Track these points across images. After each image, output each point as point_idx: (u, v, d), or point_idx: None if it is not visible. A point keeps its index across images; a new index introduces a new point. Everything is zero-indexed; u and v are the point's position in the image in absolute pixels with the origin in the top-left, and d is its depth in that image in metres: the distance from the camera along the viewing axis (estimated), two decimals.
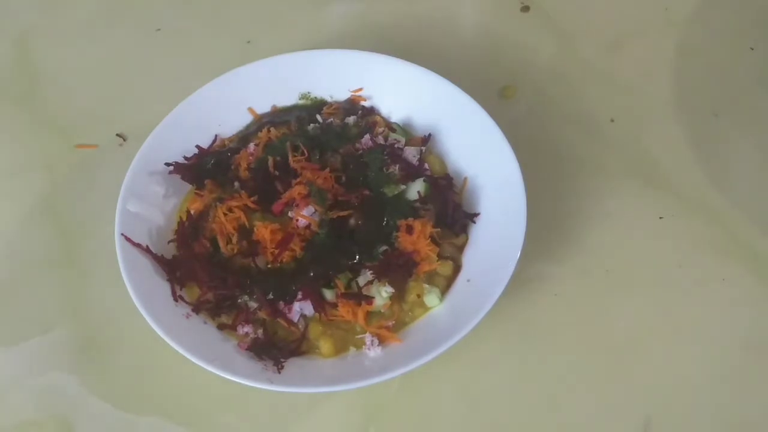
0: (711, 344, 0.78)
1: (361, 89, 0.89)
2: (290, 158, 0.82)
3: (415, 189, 0.81)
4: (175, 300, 0.76)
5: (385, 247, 0.78)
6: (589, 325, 0.80)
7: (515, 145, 0.80)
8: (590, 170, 0.89)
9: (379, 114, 0.89)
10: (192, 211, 0.82)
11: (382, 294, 0.75)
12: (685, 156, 0.90)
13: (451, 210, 0.81)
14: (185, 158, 0.85)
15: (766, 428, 0.74)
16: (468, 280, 0.77)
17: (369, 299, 0.75)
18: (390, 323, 0.75)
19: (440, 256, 0.78)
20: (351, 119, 0.87)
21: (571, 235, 0.85)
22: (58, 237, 0.88)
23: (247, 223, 0.79)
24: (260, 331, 0.75)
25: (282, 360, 0.73)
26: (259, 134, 0.85)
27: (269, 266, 0.77)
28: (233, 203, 0.79)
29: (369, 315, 0.75)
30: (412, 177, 0.82)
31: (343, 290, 0.75)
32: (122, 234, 0.77)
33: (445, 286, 0.78)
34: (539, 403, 0.76)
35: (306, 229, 0.78)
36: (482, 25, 1.04)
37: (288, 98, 0.90)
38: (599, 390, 0.76)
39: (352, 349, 0.75)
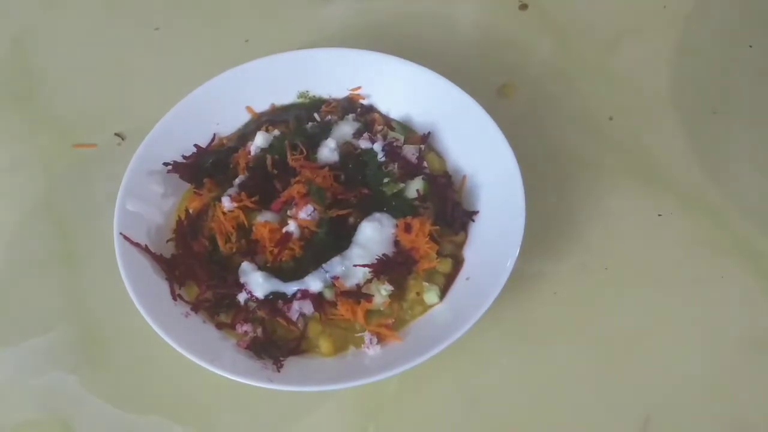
0: (710, 342, 0.78)
1: (359, 88, 0.89)
2: (289, 157, 0.81)
3: (414, 187, 0.81)
4: (174, 299, 0.76)
5: None
6: (588, 323, 0.80)
7: (514, 143, 0.80)
8: (589, 168, 0.89)
9: (378, 112, 0.89)
10: (191, 210, 0.82)
11: (381, 292, 0.75)
12: (683, 153, 0.90)
13: (450, 208, 0.81)
14: (184, 157, 0.85)
15: (766, 427, 0.74)
16: (467, 278, 0.77)
17: (368, 297, 0.75)
18: (389, 321, 0.75)
19: (439, 254, 0.77)
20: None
21: (570, 232, 0.85)
22: (56, 237, 0.88)
23: (246, 222, 0.79)
24: (259, 330, 0.75)
25: (281, 359, 0.73)
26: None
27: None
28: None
29: (368, 313, 0.75)
30: (411, 175, 0.82)
31: (342, 289, 0.75)
32: (121, 233, 0.77)
33: (445, 284, 0.77)
34: (538, 401, 0.76)
35: (305, 228, 0.78)
36: (480, 23, 1.04)
37: (286, 97, 0.90)
38: (598, 388, 0.76)
39: (352, 348, 0.75)
